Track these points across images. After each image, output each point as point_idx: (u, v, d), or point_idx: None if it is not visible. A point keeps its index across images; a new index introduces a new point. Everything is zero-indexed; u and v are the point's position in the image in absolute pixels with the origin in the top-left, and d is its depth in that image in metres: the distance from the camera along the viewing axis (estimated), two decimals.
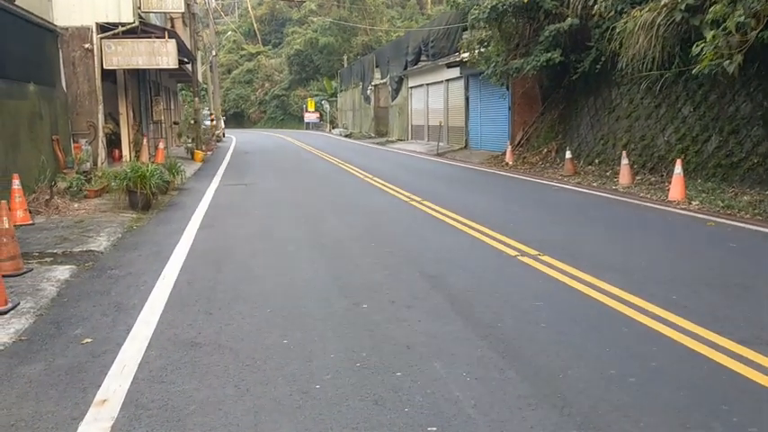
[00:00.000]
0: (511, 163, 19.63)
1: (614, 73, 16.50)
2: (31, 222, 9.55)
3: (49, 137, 12.45)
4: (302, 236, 8.73)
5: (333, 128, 58.02)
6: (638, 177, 14.04)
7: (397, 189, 13.67)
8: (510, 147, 20.38)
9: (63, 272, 6.82)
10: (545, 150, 19.57)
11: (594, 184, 14.34)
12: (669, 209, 10.64)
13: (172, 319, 5.17)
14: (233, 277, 6.52)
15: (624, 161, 13.93)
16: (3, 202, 6.73)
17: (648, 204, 11.24)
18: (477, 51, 19.62)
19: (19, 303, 5.60)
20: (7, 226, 6.65)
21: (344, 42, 63.98)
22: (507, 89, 20.62)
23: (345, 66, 57.90)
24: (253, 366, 4.18)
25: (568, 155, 16.51)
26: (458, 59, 25.45)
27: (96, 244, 8.11)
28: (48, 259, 7.44)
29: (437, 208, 10.82)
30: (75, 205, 11.40)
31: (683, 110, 14.07)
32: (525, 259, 7.02)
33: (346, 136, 47.32)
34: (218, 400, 3.70)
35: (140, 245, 8.29)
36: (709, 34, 10.24)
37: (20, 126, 10.79)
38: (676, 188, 11.58)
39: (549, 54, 16.85)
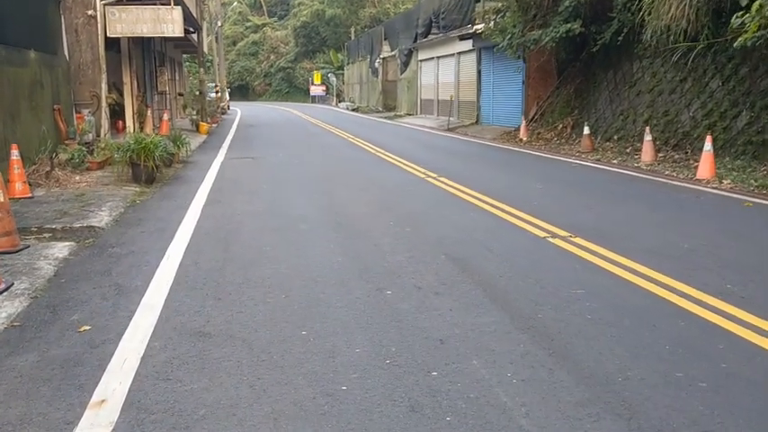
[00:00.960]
0: (525, 139, 19.05)
1: (636, 45, 15.84)
2: (30, 195, 9.08)
3: (51, 106, 11.93)
4: (315, 213, 8.25)
5: (339, 101, 57.26)
6: (660, 154, 13.48)
7: (411, 164, 13.15)
8: (524, 122, 19.78)
9: (62, 249, 6.36)
10: (560, 126, 18.97)
11: (614, 161, 13.78)
12: (699, 188, 10.11)
13: (178, 305, 4.71)
14: (242, 258, 6.05)
15: (647, 137, 13.35)
16: None
17: (676, 183, 10.71)
18: (492, 22, 18.91)
19: (13, 284, 5.15)
20: (2, 199, 6.18)
21: (352, 14, 62.91)
22: (524, 62, 19.93)
23: (353, 38, 56.92)
24: (269, 362, 3.72)
25: (586, 130, 15.93)
26: (470, 31, 24.72)
27: (97, 219, 7.65)
28: (46, 235, 6.98)
29: (455, 185, 10.32)
30: (77, 177, 10.93)
31: (710, 84, 13.45)
32: (556, 241, 6.53)
33: (353, 110, 46.62)
34: (232, 402, 3.25)
35: (144, 221, 7.82)
36: (754, 4, 9.59)
37: (19, 95, 10.28)
38: (705, 166, 11.03)
39: (569, 25, 16.18)
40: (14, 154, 9.02)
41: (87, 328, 4.29)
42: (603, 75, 17.72)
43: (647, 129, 13.51)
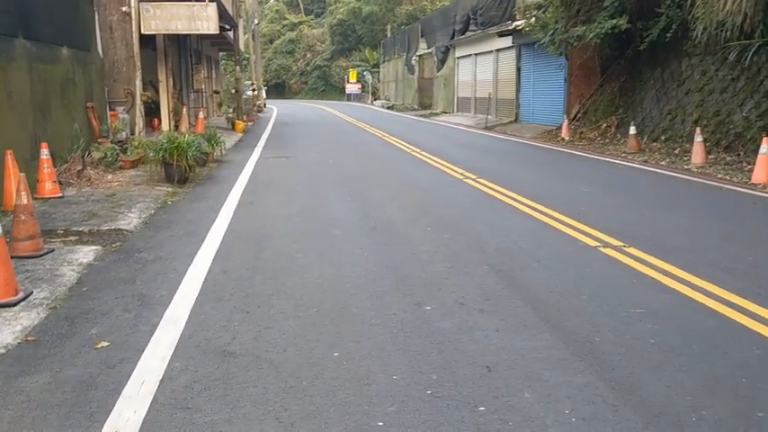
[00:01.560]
0: (567, 138, 18.45)
1: (685, 42, 15.16)
2: (60, 195, 8.92)
3: (84, 104, 11.81)
4: (349, 216, 7.90)
5: (374, 99, 56.95)
6: (711, 156, 12.82)
7: (449, 165, 12.73)
8: (566, 121, 19.17)
9: (87, 254, 6.12)
10: (604, 125, 18.33)
11: (663, 163, 13.16)
12: (756, 192, 9.51)
13: (203, 319, 4.39)
14: (273, 266, 5.72)
15: (698, 138, 12.69)
16: (22, 175, 6.06)
17: (730, 187, 10.10)
18: (533, 18, 18.34)
19: (32, 292, 4.90)
20: (26, 201, 5.96)
21: (388, 12, 62.49)
22: (567, 59, 19.33)
23: (389, 36, 56.54)
24: (298, 389, 3.37)
25: (633, 130, 15.28)
26: (510, 28, 24.15)
27: (126, 221, 7.41)
28: (72, 238, 6.76)
29: (495, 187, 9.88)
30: (109, 177, 10.77)
31: (765, 83, 12.75)
32: (608, 251, 6.06)
33: (388, 108, 46.27)
34: None
35: (173, 223, 7.56)
36: None
37: (51, 92, 10.14)
38: (761, 169, 10.37)
39: (615, 21, 15.57)
40: (44, 153, 8.86)
41: (105, 344, 3.99)
42: (650, 73, 17.04)
43: (698, 130, 12.84)
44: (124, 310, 4.60)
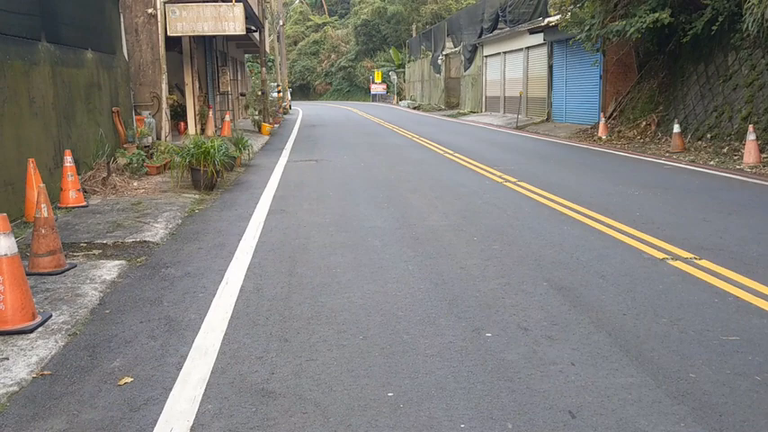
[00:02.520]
0: (604, 137, 17.77)
1: (733, 35, 14.44)
2: (84, 204, 8.56)
3: (109, 109, 11.48)
4: (388, 225, 7.40)
5: (400, 100, 56.48)
6: (764, 155, 12.11)
7: (485, 167, 12.18)
8: (603, 119, 18.47)
9: (110, 269, 5.70)
10: (643, 123, 17.62)
11: (711, 163, 12.47)
12: None
13: (236, 348, 3.93)
14: (310, 283, 5.24)
15: (750, 136, 11.98)
16: (42, 186, 5.66)
17: None
18: (569, 13, 17.68)
19: (51, 316, 4.48)
20: (47, 215, 5.57)
21: (413, 11, 62.00)
22: (604, 55, 18.63)
23: (414, 35, 55.99)
24: None
25: (676, 128, 14.58)
26: (542, 24, 23.49)
27: (152, 233, 7.00)
28: (95, 252, 6.36)
29: (538, 190, 9.32)
30: (135, 183, 10.41)
31: None
32: (679, 265, 5.49)
33: (414, 108, 45.75)
34: None
35: (202, 234, 7.13)
36: None
37: (75, 97, 9.80)
38: None
39: (657, 14, 14.86)
40: (68, 160, 8.50)
41: (129, 380, 3.54)
42: (693, 68, 16.29)
43: (751, 127, 12.13)
44: (150, 337, 4.15)
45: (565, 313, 4.40)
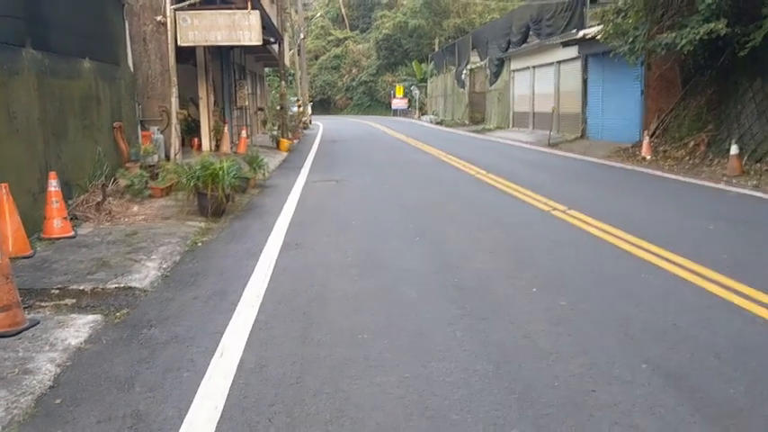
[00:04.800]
0: (649, 157, 16.38)
1: None
2: (71, 234, 7.42)
3: (110, 124, 10.40)
4: (423, 267, 6.15)
5: (422, 114, 55.34)
6: None
7: (525, 191, 10.90)
8: (647, 138, 17.10)
9: (80, 329, 4.52)
10: (692, 143, 16.20)
11: None
12: None
13: None
14: (330, 357, 4.01)
15: None
16: None
17: None
18: (611, 24, 16.39)
19: None
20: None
21: (435, 25, 60.97)
22: (650, 69, 17.29)
23: (436, 50, 54.91)
24: None
25: (734, 150, 13.18)
26: (577, 37, 22.21)
27: (141, 275, 5.81)
28: (68, 301, 5.18)
29: (594, 222, 8.03)
30: (135, 208, 9.29)
31: None
32: None
33: (437, 123, 44.56)
34: None
35: (201, 277, 5.93)
36: None
37: (67, 111, 8.72)
38: None
39: (711, 25, 13.50)
40: (53, 184, 7.38)
41: None
42: (748, 84, 14.89)
43: None
44: None
45: (686, 417, 3.12)
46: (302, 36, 41.38)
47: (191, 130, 17.84)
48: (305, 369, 3.82)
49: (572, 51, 23.39)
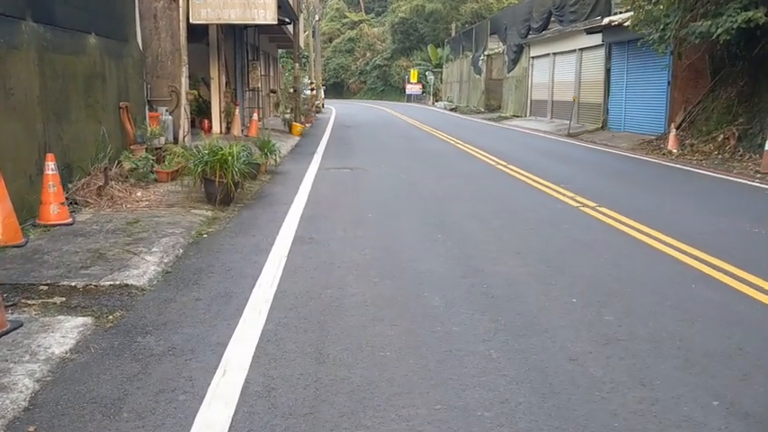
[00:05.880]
0: (675, 151, 15.73)
1: None
2: (69, 221, 6.93)
3: (116, 104, 9.88)
4: (447, 269, 5.62)
5: (436, 101, 54.61)
6: None
7: (549, 184, 10.33)
8: (674, 131, 16.42)
9: (67, 334, 4.03)
10: (721, 137, 15.52)
11: None
12: None
13: None
14: (348, 380, 3.49)
15: None
16: None
17: None
18: (642, 10, 15.68)
19: None
20: None
21: (452, 9, 60.07)
22: (680, 58, 16.58)
23: (453, 35, 54.01)
24: None
25: None
26: (601, 24, 21.46)
27: (139, 271, 5.31)
28: (57, 300, 4.69)
29: (628, 221, 7.47)
30: (139, 193, 8.79)
31: None
32: None
33: (451, 110, 43.87)
34: None
35: (205, 274, 5.42)
36: None
37: (70, 89, 8.20)
38: None
39: (749, 13, 12.84)
40: (50, 167, 6.88)
41: None
42: None
43: None
44: None
45: None
46: (317, 18, 40.69)
47: (201, 111, 17.32)
48: (320, 395, 3.30)
49: (595, 39, 22.66)
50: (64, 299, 4.71)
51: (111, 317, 4.40)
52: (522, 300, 4.82)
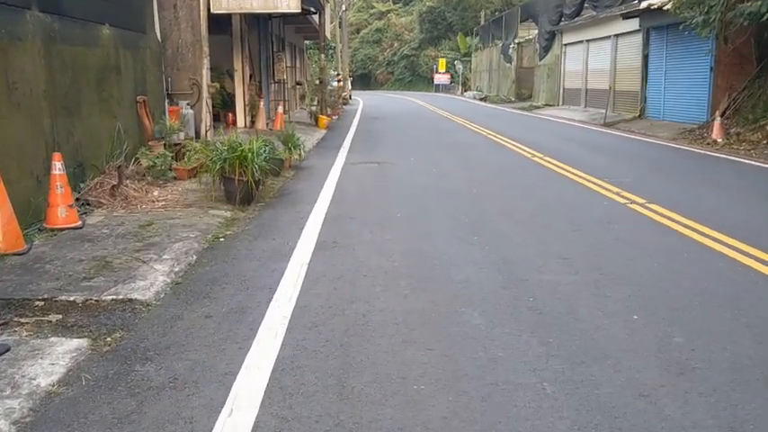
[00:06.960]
0: (721, 140, 14.86)
1: None
2: (78, 224, 6.49)
3: (132, 98, 9.45)
4: (485, 278, 5.03)
5: (465, 90, 53.70)
6: None
7: (591, 178, 9.65)
8: (719, 119, 15.54)
9: (57, 361, 3.55)
10: None
11: None
12: None
13: None
14: (376, 422, 2.93)
15: None
16: None
17: None
18: None
19: None
20: None
21: None
22: (725, 42, 15.66)
23: (482, 22, 52.98)
24: None
25: None
26: (639, 8, 20.53)
27: (146, 283, 4.81)
28: (52, 318, 4.21)
29: (684, 220, 6.80)
30: (155, 192, 8.35)
31: None
32: None
33: (481, 99, 42.98)
34: None
35: (218, 286, 4.91)
36: None
37: (81, 83, 7.76)
38: None
39: None
40: (57, 167, 6.44)
41: None
42: None
43: None
44: None
45: None
46: (344, 8, 40.09)
47: (226, 104, 16.89)
48: None
49: (632, 24, 21.70)
50: (60, 316, 4.23)
51: (109, 338, 3.91)
52: (575, 316, 4.22)
